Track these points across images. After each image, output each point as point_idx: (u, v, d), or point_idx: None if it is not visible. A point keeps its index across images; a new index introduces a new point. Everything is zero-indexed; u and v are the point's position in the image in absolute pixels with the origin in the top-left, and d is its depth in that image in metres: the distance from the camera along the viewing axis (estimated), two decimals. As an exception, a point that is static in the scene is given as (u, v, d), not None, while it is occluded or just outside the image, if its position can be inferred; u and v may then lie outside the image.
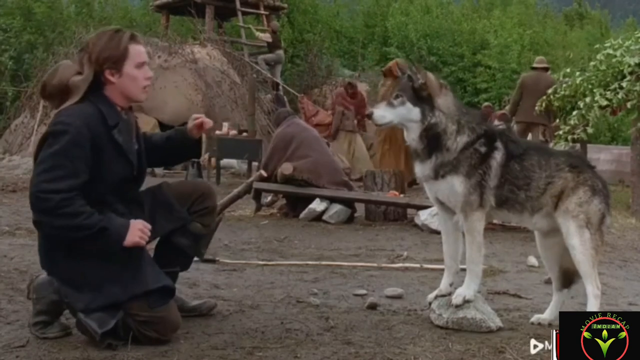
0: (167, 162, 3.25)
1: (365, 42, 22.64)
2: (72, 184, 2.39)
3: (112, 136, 2.51)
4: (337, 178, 6.36)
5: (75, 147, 2.41)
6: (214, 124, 2.91)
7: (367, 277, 3.99)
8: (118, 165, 2.55)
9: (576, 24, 28.34)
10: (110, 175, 2.53)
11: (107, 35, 2.57)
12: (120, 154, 2.55)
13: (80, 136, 2.42)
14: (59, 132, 2.42)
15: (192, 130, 2.86)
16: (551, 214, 2.86)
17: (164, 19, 17.28)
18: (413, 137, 2.82)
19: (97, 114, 2.49)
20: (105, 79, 2.55)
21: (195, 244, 2.86)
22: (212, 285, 3.61)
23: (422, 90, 2.77)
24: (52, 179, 2.36)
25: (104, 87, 2.56)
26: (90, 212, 2.41)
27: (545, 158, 2.87)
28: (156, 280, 2.56)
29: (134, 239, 2.46)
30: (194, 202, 2.81)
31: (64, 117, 2.45)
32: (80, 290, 2.49)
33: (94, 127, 2.46)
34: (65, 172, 2.38)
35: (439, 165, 2.78)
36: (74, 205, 2.38)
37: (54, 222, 2.39)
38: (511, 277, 4.11)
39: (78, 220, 2.38)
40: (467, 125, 2.81)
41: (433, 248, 5.06)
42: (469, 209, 2.80)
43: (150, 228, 2.52)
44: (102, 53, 2.53)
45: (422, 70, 2.82)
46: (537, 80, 8.96)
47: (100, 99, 2.54)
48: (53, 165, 2.38)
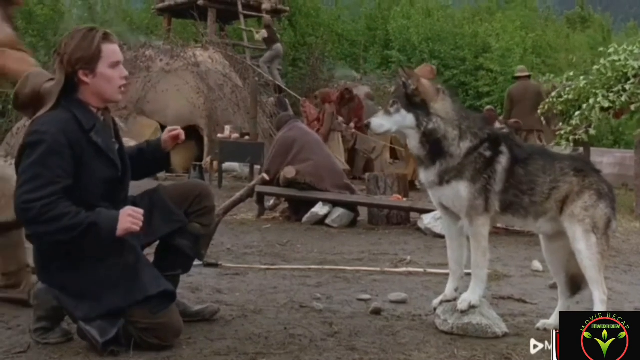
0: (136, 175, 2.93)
1: (367, 45, 22.63)
2: (53, 190, 2.36)
3: (91, 139, 2.48)
4: (339, 181, 6.34)
5: (52, 155, 2.38)
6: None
7: (370, 282, 3.96)
8: (101, 167, 2.51)
9: (578, 27, 28.31)
10: (96, 179, 2.50)
11: (79, 34, 2.53)
12: (101, 156, 2.51)
13: (57, 144, 2.39)
14: (35, 143, 2.39)
15: (166, 141, 2.84)
16: (556, 219, 2.83)
17: (166, 22, 17.30)
18: (413, 144, 2.80)
19: (72, 119, 2.46)
20: (79, 80, 2.51)
21: (195, 245, 2.83)
22: (215, 289, 3.59)
23: (415, 96, 2.75)
24: (32, 189, 2.34)
25: (77, 90, 2.52)
26: (76, 211, 2.37)
27: (550, 162, 2.84)
28: (156, 285, 2.52)
29: (124, 225, 2.40)
30: (191, 203, 2.79)
31: (38, 126, 2.42)
32: (79, 299, 2.47)
33: (70, 133, 2.43)
34: (45, 180, 2.35)
35: (444, 172, 2.75)
36: (58, 207, 2.35)
37: (42, 229, 2.37)
38: (516, 282, 4.09)
39: (65, 222, 2.34)
40: (469, 131, 2.78)
41: (436, 252, 5.03)
42: (474, 213, 2.78)
43: (142, 212, 2.46)
44: (75, 53, 2.48)
45: (415, 75, 2.79)
46: (524, 88, 9.24)
47: (73, 104, 2.50)
48: (32, 176, 2.35)
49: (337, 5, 26.49)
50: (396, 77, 15.15)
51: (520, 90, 9.25)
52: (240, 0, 16.57)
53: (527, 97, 8.91)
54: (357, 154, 11.46)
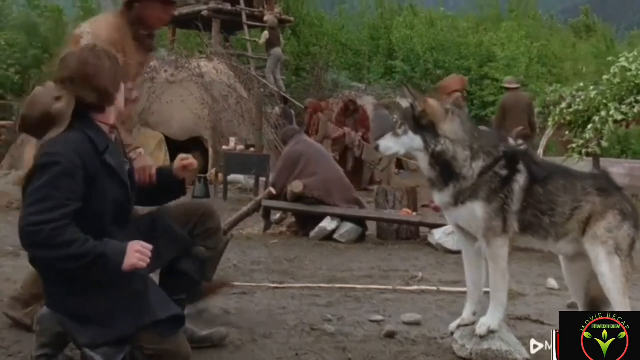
0: (150, 202, 2.87)
1: (371, 55, 22.58)
2: (63, 213, 2.25)
3: (105, 160, 2.40)
4: (348, 195, 6.24)
5: (65, 177, 2.28)
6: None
7: (382, 301, 3.86)
8: (114, 188, 2.44)
9: (584, 36, 28.23)
10: (107, 201, 2.42)
11: (101, 56, 2.43)
12: (114, 177, 2.44)
13: (72, 165, 2.30)
14: (48, 164, 2.29)
15: (177, 170, 2.78)
16: (578, 240, 2.74)
17: (171, 33, 17.26)
18: (423, 165, 2.74)
19: (86, 140, 2.38)
20: (114, 100, 2.46)
21: (201, 269, 2.74)
22: (223, 310, 3.49)
23: (422, 117, 2.67)
24: (41, 210, 2.23)
25: (95, 111, 2.44)
26: (84, 239, 2.27)
27: (571, 181, 2.75)
28: (166, 310, 2.43)
29: (131, 261, 2.31)
30: (195, 224, 2.70)
31: (52, 148, 2.33)
32: (85, 325, 2.37)
33: (85, 155, 2.34)
34: (55, 202, 2.24)
35: (458, 193, 2.67)
36: (67, 233, 2.24)
37: (48, 255, 2.26)
38: (531, 301, 3.97)
39: (73, 249, 2.24)
40: (482, 150, 2.70)
41: (448, 268, 4.93)
42: (492, 234, 2.69)
43: (150, 248, 2.37)
44: (111, 77, 2.42)
45: (422, 96, 2.72)
46: (517, 99, 9.20)
47: (86, 124, 2.42)
48: (42, 197, 2.25)
49: (341, 15, 26.48)
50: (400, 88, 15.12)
51: (512, 101, 9.29)
52: (245, 11, 16.55)
53: (519, 108, 8.91)
54: (363, 165, 11.36)
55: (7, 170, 11.47)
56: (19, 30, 16.63)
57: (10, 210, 7.79)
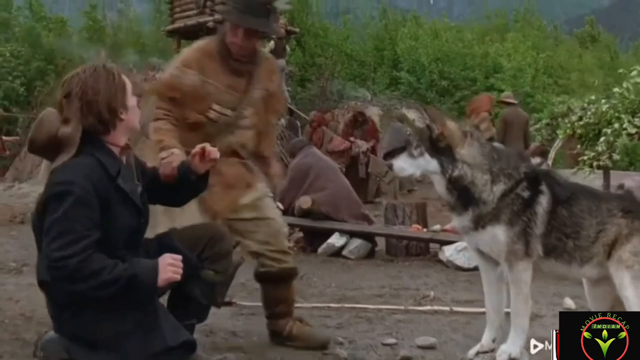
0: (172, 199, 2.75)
1: (375, 66, 22.54)
2: (86, 245, 2.19)
3: (118, 185, 2.32)
4: (356, 211, 6.14)
5: (81, 206, 2.21)
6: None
7: (394, 322, 3.75)
8: (126, 213, 2.36)
9: (589, 47, 28.16)
10: (120, 226, 2.34)
11: (101, 76, 2.34)
12: (127, 202, 2.37)
13: (86, 193, 2.22)
14: (61, 194, 2.22)
15: (194, 162, 2.59)
16: (603, 264, 2.62)
17: (176, 44, 17.24)
18: (440, 189, 2.64)
19: (97, 165, 2.30)
20: (118, 120, 2.36)
21: (209, 293, 2.65)
22: (230, 332, 3.39)
23: (440, 140, 2.58)
24: (63, 245, 2.17)
25: (104, 133, 2.36)
26: (113, 264, 2.21)
27: (596, 203, 2.64)
28: (176, 336, 2.36)
29: (166, 275, 2.25)
30: (204, 247, 2.60)
31: (63, 176, 2.25)
32: (93, 350, 2.30)
33: (97, 181, 2.26)
34: (75, 235, 2.18)
35: (478, 217, 2.57)
36: (93, 262, 2.18)
37: (79, 287, 2.19)
38: (548, 322, 3.84)
39: (104, 276, 2.18)
40: (502, 173, 2.60)
41: (460, 286, 4.82)
42: (514, 258, 2.58)
43: (180, 258, 2.31)
44: (111, 97, 2.33)
45: (441, 118, 2.62)
46: (516, 114, 9.39)
47: (96, 147, 2.33)
48: (61, 231, 2.18)
49: (346, 25, 26.47)
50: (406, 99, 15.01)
51: (512, 116, 9.47)
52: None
53: (518, 124, 9.19)
54: (369, 177, 11.26)
55: (10, 182, 11.42)
56: (23, 41, 16.65)
57: (13, 224, 7.71)
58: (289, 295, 3.27)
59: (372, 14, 29.33)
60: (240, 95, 3.06)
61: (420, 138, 2.64)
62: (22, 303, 3.87)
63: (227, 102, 3.03)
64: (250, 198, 3.10)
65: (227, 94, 3.03)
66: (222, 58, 3.01)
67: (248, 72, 3.07)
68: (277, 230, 3.16)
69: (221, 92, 3.01)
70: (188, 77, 2.99)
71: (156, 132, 3.01)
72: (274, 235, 3.14)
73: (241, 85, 3.06)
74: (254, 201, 3.12)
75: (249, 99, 3.08)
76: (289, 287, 3.27)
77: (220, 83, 3.01)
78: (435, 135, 2.58)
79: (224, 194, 3.01)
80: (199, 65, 2.98)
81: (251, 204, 3.11)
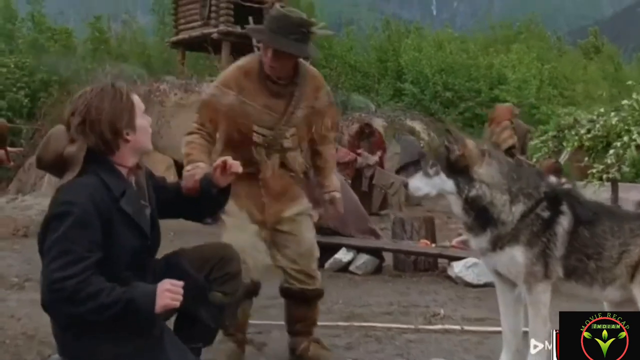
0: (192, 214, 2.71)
1: (379, 77, 22.50)
2: (85, 266, 2.13)
3: (121, 207, 2.26)
4: (363, 226, 6.05)
5: (81, 227, 2.15)
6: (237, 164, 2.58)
7: (404, 342, 3.67)
8: (130, 236, 2.29)
9: (593, 57, 28.11)
10: (123, 249, 2.27)
11: (108, 95, 2.29)
12: (131, 225, 2.30)
13: (86, 214, 2.16)
14: (61, 214, 2.16)
15: (216, 175, 2.54)
16: (626, 286, 2.54)
17: (180, 56, 17.24)
18: (456, 210, 2.58)
19: (100, 185, 2.24)
20: (123, 141, 2.30)
21: (217, 316, 2.56)
22: (237, 353, 3.29)
23: (459, 162, 2.50)
24: (62, 266, 2.11)
25: (109, 153, 2.30)
26: (110, 287, 2.15)
27: (618, 223, 2.57)
28: None
29: (163, 302, 2.17)
30: (212, 267, 2.52)
31: (65, 196, 2.20)
32: None
33: (99, 202, 2.20)
34: (75, 256, 2.12)
35: (496, 238, 2.49)
36: (92, 285, 2.12)
37: (77, 310, 2.12)
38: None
39: (101, 299, 2.11)
40: (521, 192, 2.52)
41: (470, 303, 4.73)
42: (533, 280, 2.51)
43: (181, 285, 2.22)
44: (117, 117, 2.27)
45: (462, 137, 2.54)
46: (519, 127, 9.36)
47: (101, 168, 2.28)
48: (60, 251, 2.12)
49: (349, 37, 26.49)
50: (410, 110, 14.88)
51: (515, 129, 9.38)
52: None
53: (520, 134, 9.16)
54: (373, 190, 11.17)
55: (14, 194, 11.35)
56: (27, 53, 16.64)
57: (16, 238, 7.64)
58: (308, 315, 3.28)
59: (375, 25, 29.34)
60: (280, 116, 3.03)
61: (436, 157, 2.56)
62: (23, 321, 3.80)
63: (266, 122, 3.02)
64: (292, 212, 3.13)
65: (265, 114, 3.02)
66: (260, 78, 3.00)
67: (289, 94, 3.04)
68: (306, 250, 3.16)
69: (259, 112, 3.00)
70: (226, 97, 2.98)
71: (187, 145, 3.02)
72: (303, 255, 3.16)
73: (280, 107, 3.03)
74: (294, 215, 3.14)
75: (289, 119, 3.05)
76: (311, 307, 3.27)
77: (258, 103, 2.99)
78: (454, 156, 2.50)
79: (270, 205, 3.07)
80: (238, 85, 2.98)
81: (290, 218, 3.13)
